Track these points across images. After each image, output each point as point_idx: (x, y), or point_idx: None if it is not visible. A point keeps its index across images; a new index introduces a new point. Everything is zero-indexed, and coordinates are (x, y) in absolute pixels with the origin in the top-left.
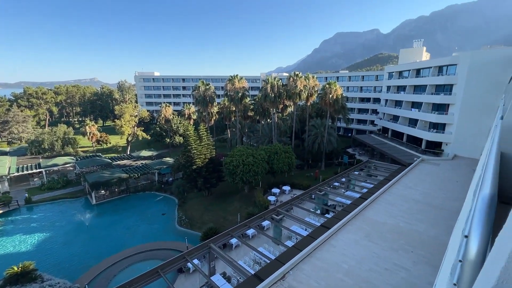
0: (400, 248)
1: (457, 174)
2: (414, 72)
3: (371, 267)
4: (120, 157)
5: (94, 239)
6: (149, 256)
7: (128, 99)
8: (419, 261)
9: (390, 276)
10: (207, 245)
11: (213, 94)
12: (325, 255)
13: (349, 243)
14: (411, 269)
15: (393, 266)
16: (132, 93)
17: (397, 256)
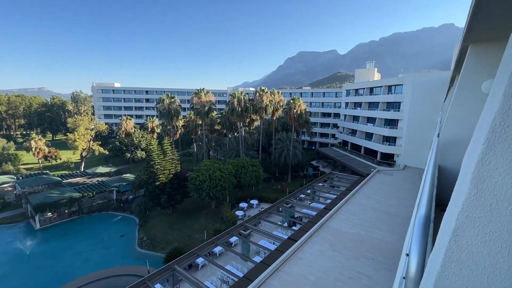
0: (362, 256)
1: (407, 182)
2: (368, 90)
3: (337, 276)
4: (72, 175)
5: (37, 269)
6: (104, 285)
7: (84, 111)
8: (379, 267)
9: (354, 284)
10: (170, 267)
11: (178, 107)
12: (293, 268)
13: (315, 254)
14: (372, 276)
15: (356, 274)
16: (89, 104)
17: (359, 264)
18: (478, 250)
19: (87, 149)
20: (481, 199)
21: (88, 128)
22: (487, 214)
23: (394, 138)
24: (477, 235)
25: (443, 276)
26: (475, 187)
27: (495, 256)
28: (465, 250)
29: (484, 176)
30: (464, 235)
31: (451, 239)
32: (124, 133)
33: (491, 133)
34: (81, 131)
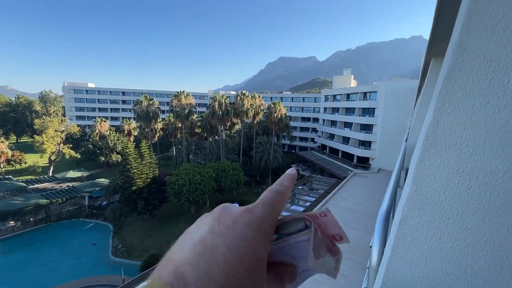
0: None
1: (381, 184)
2: (345, 96)
3: (315, 277)
4: (39, 180)
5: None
6: None
7: (53, 112)
8: (355, 267)
9: (332, 284)
10: (147, 275)
11: (157, 110)
12: None
13: None
14: (349, 275)
15: None
16: (59, 105)
17: None
18: (418, 236)
19: (57, 153)
20: (419, 194)
21: (58, 130)
22: (424, 206)
23: (369, 142)
24: (417, 223)
25: (393, 260)
26: (415, 184)
27: (430, 240)
28: (409, 236)
29: (421, 175)
30: (408, 224)
31: (398, 228)
32: (98, 135)
33: (426, 140)
34: (50, 133)
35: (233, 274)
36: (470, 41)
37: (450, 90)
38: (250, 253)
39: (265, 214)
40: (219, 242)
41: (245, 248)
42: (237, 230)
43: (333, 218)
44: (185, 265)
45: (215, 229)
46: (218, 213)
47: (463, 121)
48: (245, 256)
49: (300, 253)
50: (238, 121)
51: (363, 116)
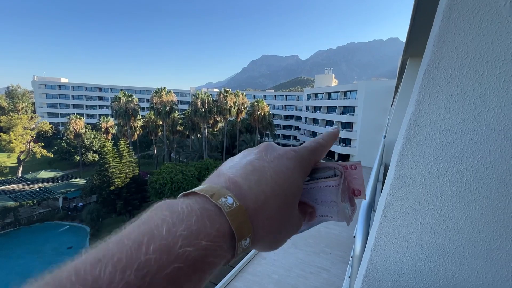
0: (321, 251)
1: None
2: (326, 95)
3: (298, 273)
4: (6, 181)
5: None
6: None
7: (22, 109)
8: (337, 260)
9: (314, 278)
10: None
11: (137, 107)
12: (257, 268)
13: (278, 253)
14: (330, 269)
15: (316, 269)
16: (28, 101)
17: (319, 259)
18: (400, 222)
19: (26, 152)
20: (402, 181)
21: (28, 127)
22: (406, 193)
23: (350, 140)
24: (399, 210)
25: (376, 247)
26: (398, 172)
27: (411, 226)
28: (392, 223)
29: (404, 163)
30: (391, 211)
31: (382, 216)
32: (73, 133)
33: (408, 130)
34: (18, 131)
35: (277, 193)
36: (449, 34)
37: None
38: (291, 180)
39: (306, 156)
40: (266, 166)
41: (288, 175)
42: (282, 160)
43: (360, 172)
44: (238, 177)
45: (263, 157)
46: (264, 147)
47: (442, 111)
48: (287, 182)
49: (323, 198)
50: (221, 119)
51: (343, 114)
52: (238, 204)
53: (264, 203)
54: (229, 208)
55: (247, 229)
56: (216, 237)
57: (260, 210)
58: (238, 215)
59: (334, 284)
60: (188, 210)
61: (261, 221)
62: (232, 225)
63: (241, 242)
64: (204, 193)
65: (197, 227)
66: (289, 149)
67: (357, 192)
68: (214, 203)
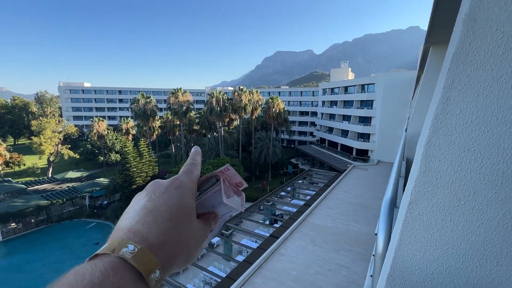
0: (341, 249)
1: (381, 177)
2: (343, 89)
3: (317, 270)
4: (38, 181)
5: (1, 285)
6: None
7: (50, 113)
8: (357, 258)
9: (334, 276)
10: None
11: (154, 108)
12: (276, 264)
13: (296, 249)
14: (350, 266)
15: (336, 266)
16: (55, 105)
17: (338, 256)
18: (427, 219)
19: (55, 153)
20: (428, 175)
21: (56, 130)
22: (434, 188)
23: (368, 134)
24: (427, 206)
25: (401, 244)
26: (424, 166)
27: (440, 223)
28: (418, 220)
29: (430, 156)
30: (417, 207)
31: (407, 212)
32: (96, 135)
33: (435, 120)
34: (47, 134)
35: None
36: (482, 12)
37: (460, 65)
38: (183, 205)
39: (187, 178)
40: (158, 204)
41: (178, 202)
42: (170, 192)
43: (233, 171)
44: (136, 225)
45: (152, 197)
46: (150, 187)
47: (474, 97)
48: (180, 207)
49: (217, 201)
50: (236, 117)
51: (361, 108)
52: (139, 247)
53: (166, 235)
54: (131, 254)
55: (153, 264)
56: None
57: (164, 242)
58: (141, 257)
59: (355, 281)
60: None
61: (167, 250)
62: (137, 266)
63: (151, 276)
64: (105, 251)
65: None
66: (174, 179)
67: (240, 184)
68: (116, 255)
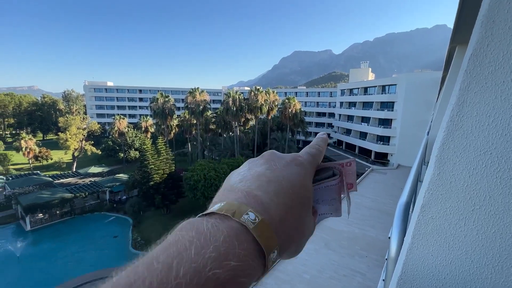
0: (356, 254)
1: (401, 181)
2: (362, 90)
3: (331, 274)
4: (63, 175)
5: (28, 271)
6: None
7: (76, 110)
8: (373, 264)
9: (348, 281)
10: None
11: (172, 107)
12: (288, 267)
13: (310, 253)
14: (366, 273)
15: (350, 272)
16: (80, 103)
17: (353, 262)
18: (440, 222)
19: (79, 149)
20: (442, 178)
21: (80, 127)
22: (447, 191)
23: (388, 137)
24: (440, 209)
25: (413, 248)
26: (438, 168)
27: (454, 227)
28: (430, 223)
29: (445, 158)
30: (429, 210)
31: (419, 215)
32: (117, 132)
33: (450, 122)
34: (73, 131)
35: (296, 201)
36: (501, 13)
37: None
38: (304, 187)
39: (311, 160)
40: (279, 176)
41: (301, 182)
42: (292, 168)
43: (354, 168)
44: (256, 190)
45: (273, 166)
46: (269, 156)
47: (492, 100)
48: (302, 189)
49: (325, 197)
50: (252, 117)
51: (381, 110)
52: (261, 218)
53: (287, 213)
54: (253, 224)
55: (273, 242)
56: (244, 256)
57: (284, 221)
58: (263, 230)
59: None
60: (214, 231)
61: (286, 231)
62: (260, 241)
63: (270, 256)
64: (224, 212)
65: (225, 248)
66: (295, 155)
67: (350, 186)
68: (237, 221)
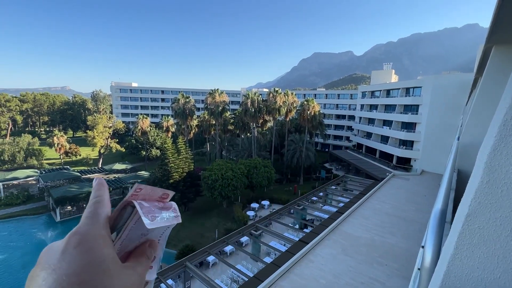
0: (375, 262)
1: (425, 188)
2: (384, 92)
3: (348, 281)
4: (90, 171)
5: None
6: None
7: (103, 110)
8: (393, 274)
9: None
10: (182, 263)
11: (193, 107)
12: (304, 270)
13: (326, 257)
14: (385, 282)
15: (369, 280)
16: (107, 103)
17: (372, 270)
18: (489, 233)
19: (105, 146)
20: (492, 186)
21: (107, 126)
22: (498, 201)
23: (411, 142)
24: (488, 220)
25: (456, 259)
26: (487, 176)
27: (505, 239)
28: (477, 234)
29: (496, 165)
30: (476, 220)
31: (464, 224)
32: (140, 131)
33: (503, 126)
34: (99, 129)
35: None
36: None
37: None
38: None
39: (92, 225)
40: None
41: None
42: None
43: (149, 187)
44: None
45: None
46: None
47: None
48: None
49: (145, 228)
50: (270, 118)
51: (405, 113)
52: None
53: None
54: None
55: None
56: None
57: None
58: None
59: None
60: None
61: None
62: None
63: None
64: None
65: None
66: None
67: (165, 195)
68: None
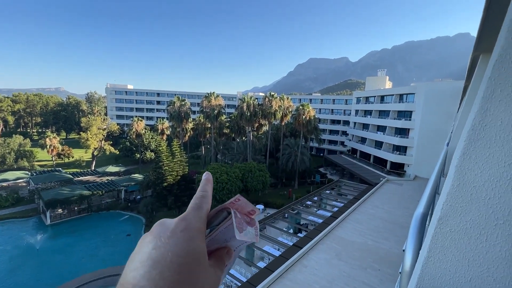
0: (368, 267)
1: (417, 193)
2: (379, 98)
3: (342, 286)
4: (83, 173)
5: (46, 264)
6: (109, 283)
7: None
8: (386, 279)
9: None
10: None
11: (188, 110)
12: (297, 275)
13: (320, 262)
14: (378, 287)
15: (362, 285)
16: (102, 105)
17: (365, 275)
18: (460, 236)
19: (99, 149)
20: (462, 190)
21: (101, 128)
22: (468, 204)
23: (405, 147)
24: (459, 223)
25: (429, 262)
26: (457, 179)
27: (474, 242)
28: (448, 237)
29: (466, 169)
30: (447, 223)
31: (436, 227)
32: (135, 134)
33: (471, 131)
34: (93, 131)
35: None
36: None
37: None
38: (192, 252)
39: (196, 217)
40: (164, 253)
41: (187, 249)
42: (177, 237)
43: (244, 200)
44: (141, 281)
45: (158, 244)
46: (155, 229)
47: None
48: (189, 255)
49: (230, 235)
50: (265, 123)
51: (398, 119)
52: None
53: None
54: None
55: None
56: None
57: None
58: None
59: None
60: None
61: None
62: None
63: None
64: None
65: None
66: (179, 220)
67: (252, 212)
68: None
